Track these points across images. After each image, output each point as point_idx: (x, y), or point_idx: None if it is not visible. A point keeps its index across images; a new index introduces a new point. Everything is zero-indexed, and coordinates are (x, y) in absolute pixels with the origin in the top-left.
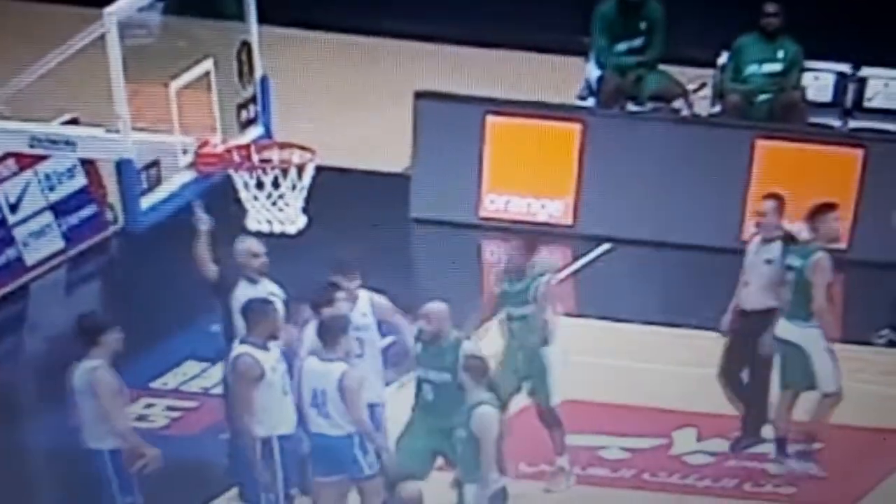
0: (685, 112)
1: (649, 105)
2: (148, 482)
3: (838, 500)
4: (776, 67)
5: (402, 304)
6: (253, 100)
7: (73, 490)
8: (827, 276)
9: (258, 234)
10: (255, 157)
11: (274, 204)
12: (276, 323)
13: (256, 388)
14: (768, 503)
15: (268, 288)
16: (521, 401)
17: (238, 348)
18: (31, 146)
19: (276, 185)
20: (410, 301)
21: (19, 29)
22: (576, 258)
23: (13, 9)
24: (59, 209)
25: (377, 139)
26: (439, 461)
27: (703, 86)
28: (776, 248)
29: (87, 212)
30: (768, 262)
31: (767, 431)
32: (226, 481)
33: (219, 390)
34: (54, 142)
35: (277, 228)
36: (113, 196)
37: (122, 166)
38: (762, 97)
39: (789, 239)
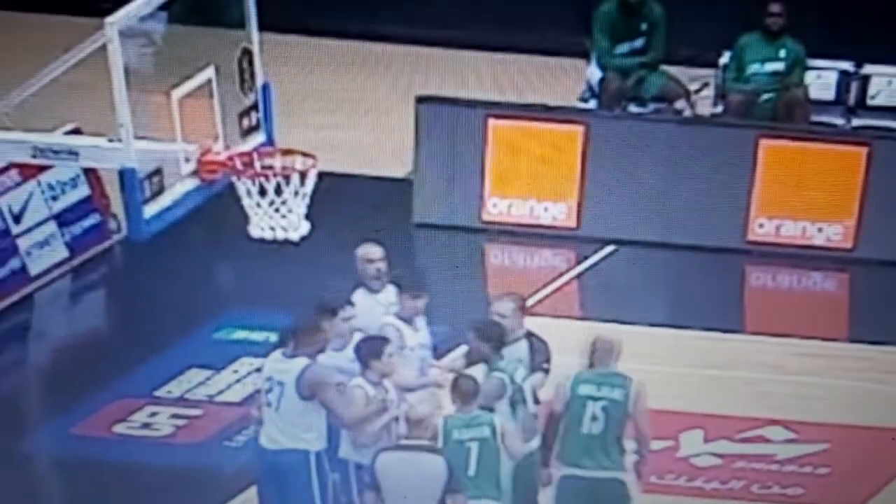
0: (688, 113)
1: (651, 106)
2: (153, 491)
3: (846, 501)
4: (778, 66)
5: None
6: (255, 107)
7: (76, 500)
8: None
9: (261, 241)
10: (258, 164)
11: (277, 210)
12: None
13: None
14: None
15: (389, 297)
16: None
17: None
18: (34, 156)
19: (278, 191)
20: None
21: (21, 40)
22: (579, 261)
23: (15, 20)
24: (63, 219)
25: (379, 144)
26: None
27: (705, 86)
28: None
29: (90, 221)
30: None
31: (774, 432)
32: (231, 489)
33: (223, 398)
34: (57, 152)
35: (280, 235)
36: (116, 205)
37: (124, 175)
38: (765, 96)
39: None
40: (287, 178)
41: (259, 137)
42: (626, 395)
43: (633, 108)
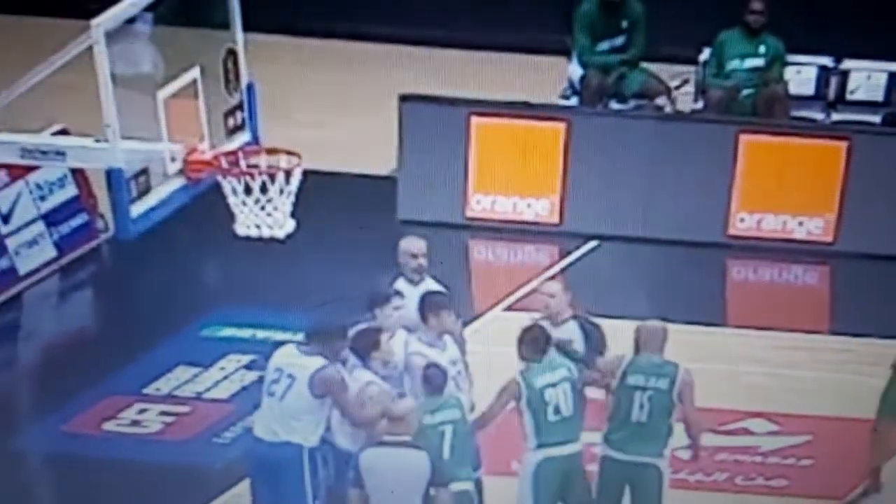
0: (668, 109)
1: (632, 103)
2: (142, 487)
3: (830, 492)
4: (758, 62)
5: None
6: (239, 107)
7: (66, 497)
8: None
9: (247, 239)
10: (243, 163)
11: (262, 209)
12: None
13: None
14: (760, 496)
15: (429, 288)
16: None
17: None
18: (22, 157)
19: (263, 190)
20: None
21: (7, 42)
22: (563, 256)
23: (1, 22)
24: (51, 219)
25: (363, 143)
26: None
27: (685, 82)
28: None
29: (78, 221)
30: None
31: (757, 424)
32: (220, 486)
33: (211, 395)
34: (45, 152)
35: (266, 233)
36: (103, 205)
37: (111, 175)
38: (745, 92)
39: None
40: (272, 177)
41: (244, 137)
42: (670, 383)
43: (614, 105)
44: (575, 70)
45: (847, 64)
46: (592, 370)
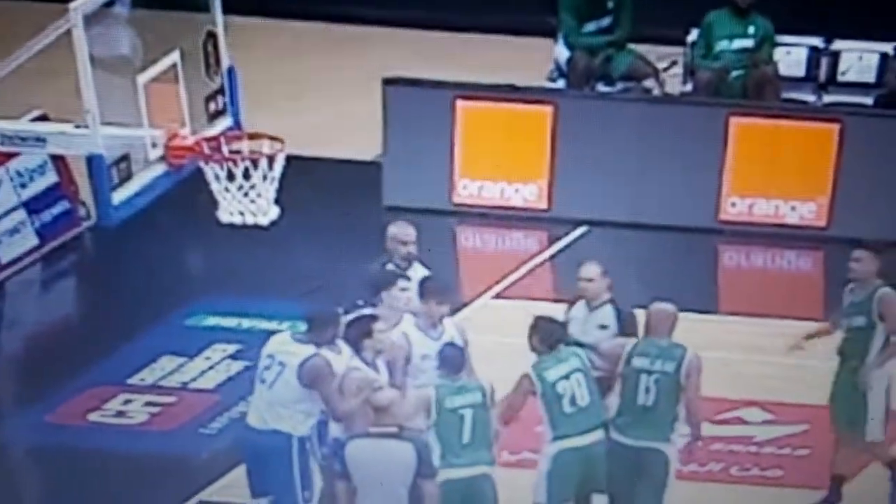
0: (656, 91)
1: (620, 85)
2: (127, 478)
3: (826, 482)
4: (747, 43)
5: None
6: (221, 91)
7: (51, 488)
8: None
9: (230, 226)
10: (225, 149)
11: (245, 195)
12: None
13: None
14: (755, 486)
15: (418, 273)
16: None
17: None
18: (2, 143)
19: (246, 176)
20: None
21: None
22: (552, 242)
23: None
24: (32, 206)
25: (347, 127)
26: None
27: (673, 64)
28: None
29: (59, 208)
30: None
31: (751, 413)
32: (206, 476)
33: (197, 385)
34: (24, 139)
35: (250, 220)
36: (85, 192)
37: (92, 162)
38: (734, 74)
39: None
40: (255, 163)
41: (226, 122)
42: (677, 366)
43: (601, 88)
44: (561, 52)
45: (838, 44)
46: (598, 356)
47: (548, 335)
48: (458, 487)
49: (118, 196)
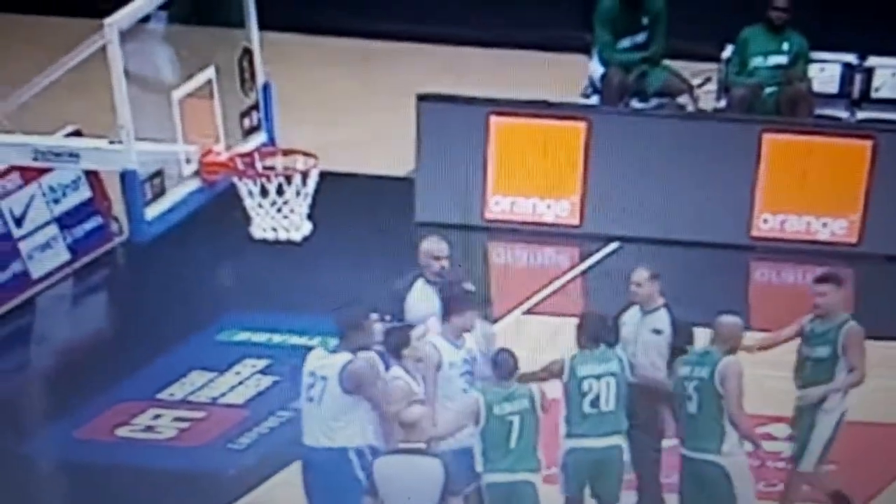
0: (690, 107)
1: (654, 101)
2: (155, 494)
3: (852, 497)
4: (781, 60)
5: None
6: (255, 107)
7: (79, 503)
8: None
9: (263, 242)
10: (259, 165)
11: (279, 211)
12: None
13: None
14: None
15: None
16: None
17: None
18: (35, 159)
19: (280, 191)
20: None
21: (20, 42)
22: (583, 258)
23: (14, 21)
24: (64, 222)
25: (381, 143)
26: None
27: (707, 80)
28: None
29: (91, 224)
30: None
31: (780, 429)
32: (234, 492)
33: (226, 400)
34: (58, 154)
35: (283, 236)
36: (118, 207)
37: (125, 177)
38: (768, 90)
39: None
40: (289, 178)
41: (260, 137)
42: (711, 372)
43: (635, 104)
44: (596, 68)
45: (871, 61)
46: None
47: (592, 329)
48: (501, 492)
49: (151, 212)
